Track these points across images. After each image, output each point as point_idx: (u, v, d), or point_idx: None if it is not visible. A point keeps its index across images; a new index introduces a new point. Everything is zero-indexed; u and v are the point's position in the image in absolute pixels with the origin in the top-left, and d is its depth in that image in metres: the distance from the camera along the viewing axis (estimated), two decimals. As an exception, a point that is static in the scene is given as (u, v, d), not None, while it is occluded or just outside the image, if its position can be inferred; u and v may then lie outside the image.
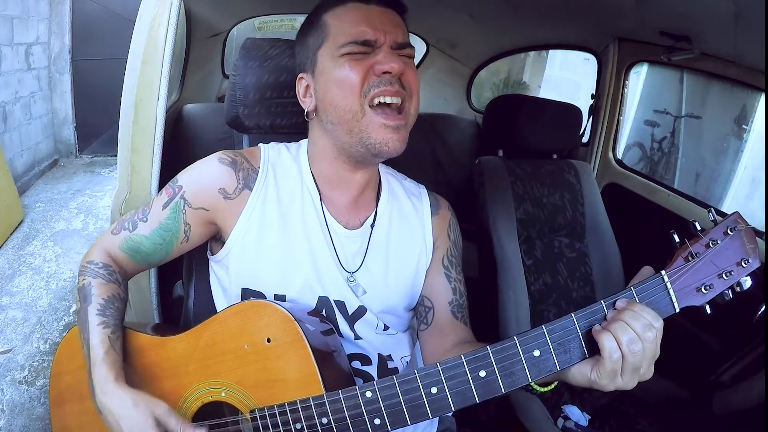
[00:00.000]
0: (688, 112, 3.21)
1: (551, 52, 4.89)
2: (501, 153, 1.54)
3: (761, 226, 1.22)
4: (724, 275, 0.58)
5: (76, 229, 3.07)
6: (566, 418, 1.25)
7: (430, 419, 0.62)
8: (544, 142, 1.52)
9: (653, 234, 0.94)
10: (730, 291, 0.58)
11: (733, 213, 0.60)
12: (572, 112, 1.54)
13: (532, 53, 4.98)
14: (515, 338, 0.58)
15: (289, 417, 0.64)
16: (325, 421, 0.63)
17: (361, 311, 0.80)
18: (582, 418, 1.27)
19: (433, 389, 0.59)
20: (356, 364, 0.80)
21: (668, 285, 0.58)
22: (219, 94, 2.01)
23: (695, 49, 1.25)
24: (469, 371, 0.58)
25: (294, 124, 0.99)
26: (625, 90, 1.67)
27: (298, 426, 0.64)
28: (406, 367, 0.85)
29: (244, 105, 0.96)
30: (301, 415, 0.64)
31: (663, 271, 0.58)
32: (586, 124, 1.69)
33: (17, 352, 2.01)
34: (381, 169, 0.88)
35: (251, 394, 0.68)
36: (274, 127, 0.99)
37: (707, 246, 0.58)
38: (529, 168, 1.49)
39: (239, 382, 0.68)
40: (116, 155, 1.02)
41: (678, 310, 0.58)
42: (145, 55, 0.95)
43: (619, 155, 1.78)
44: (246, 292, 0.78)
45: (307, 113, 0.80)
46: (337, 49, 0.72)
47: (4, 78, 3.29)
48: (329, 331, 0.74)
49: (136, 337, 0.76)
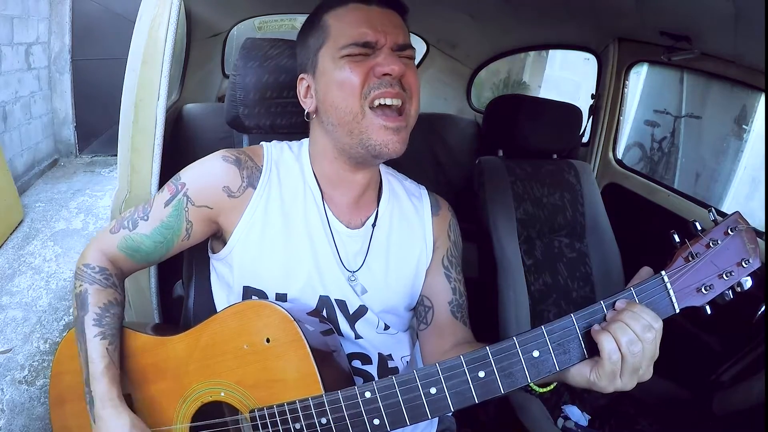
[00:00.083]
0: (688, 112, 3.21)
1: (551, 52, 4.89)
2: (501, 153, 1.54)
3: (761, 226, 1.22)
4: (724, 275, 0.58)
5: (76, 229, 3.07)
6: (566, 419, 1.25)
7: (429, 419, 0.61)
8: (544, 142, 1.52)
9: (653, 234, 0.94)
10: (731, 291, 0.58)
11: (734, 213, 0.60)
12: (572, 112, 1.54)
13: (532, 53, 4.98)
14: (514, 339, 0.58)
15: (289, 417, 0.64)
16: (324, 421, 0.63)
17: (362, 311, 0.80)
18: (582, 419, 1.27)
19: (433, 389, 0.59)
20: (356, 364, 0.80)
21: (668, 285, 0.58)
22: (219, 94, 2.01)
23: (695, 49, 1.25)
24: (469, 372, 0.58)
25: (294, 124, 0.99)
26: (625, 90, 1.67)
27: (298, 426, 0.64)
28: (406, 367, 0.85)
29: (244, 105, 0.96)
30: (301, 415, 0.64)
31: (663, 272, 0.58)
32: (586, 124, 1.69)
33: (17, 352, 2.01)
34: (382, 170, 0.88)
35: (251, 394, 0.68)
36: (274, 127, 0.99)
37: (707, 246, 0.58)
38: (529, 168, 1.49)
39: (239, 382, 0.68)
40: (116, 155, 1.02)
41: (678, 311, 0.58)
42: (145, 55, 0.95)
43: (619, 155, 1.78)
44: (248, 291, 0.78)
45: (307, 114, 0.80)
46: (338, 51, 0.72)
47: (4, 78, 3.29)
48: (329, 331, 0.74)
49: (136, 337, 0.76)
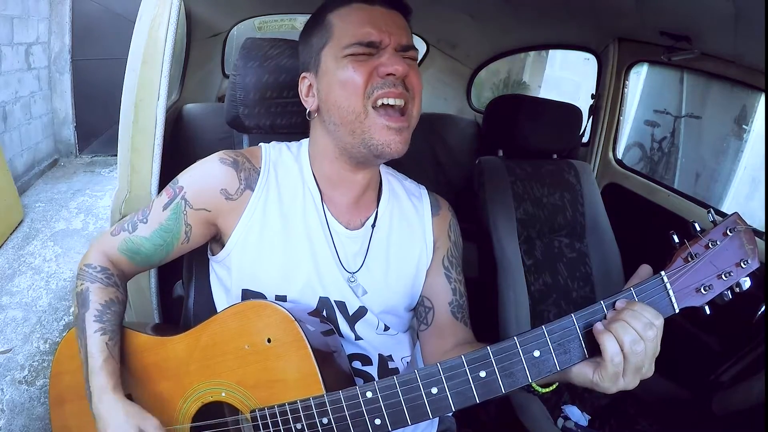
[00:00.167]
0: (688, 112, 3.21)
1: (551, 52, 4.89)
2: (501, 153, 1.54)
3: (761, 226, 1.22)
4: (723, 276, 0.58)
5: (76, 229, 3.07)
6: (566, 418, 1.25)
7: (430, 419, 0.61)
8: (544, 142, 1.52)
9: (653, 234, 0.94)
10: (730, 292, 0.58)
11: (733, 214, 0.60)
12: (572, 112, 1.54)
13: (532, 53, 4.98)
14: (515, 338, 0.58)
15: (290, 417, 0.64)
16: (325, 421, 0.63)
17: (362, 312, 0.80)
18: (582, 418, 1.27)
19: (434, 389, 0.59)
20: (357, 365, 0.80)
21: (668, 286, 0.58)
22: (219, 94, 2.01)
23: (695, 49, 1.25)
24: (470, 371, 0.58)
25: (294, 123, 0.99)
26: (625, 90, 1.67)
27: (299, 426, 0.64)
28: (407, 368, 0.85)
29: (244, 105, 0.96)
30: (302, 415, 0.64)
31: (662, 272, 0.58)
32: (586, 124, 1.69)
33: (17, 352, 2.01)
34: (381, 170, 0.88)
35: (251, 394, 0.68)
36: (274, 127, 0.99)
37: (707, 247, 0.58)
38: (529, 168, 1.50)
39: (239, 382, 0.68)
40: (116, 155, 1.02)
41: (677, 311, 0.58)
42: (145, 56, 0.95)
43: (619, 155, 1.78)
44: (247, 293, 0.78)
45: (309, 113, 0.79)
46: (341, 50, 0.72)
47: (4, 78, 3.29)
48: (329, 332, 0.74)
49: (136, 337, 0.76)
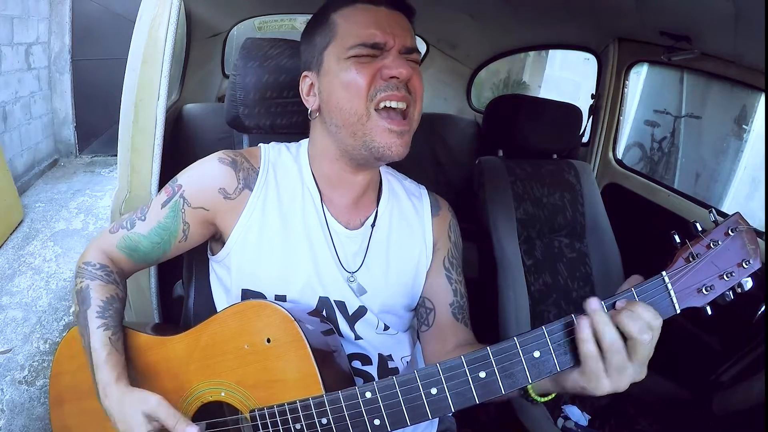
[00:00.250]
0: (688, 112, 3.21)
1: (551, 52, 4.89)
2: (501, 153, 1.54)
3: (761, 226, 1.22)
4: (725, 276, 0.57)
5: (76, 229, 3.07)
6: (566, 418, 1.25)
7: (430, 420, 0.61)
8: (544, 142, 1.52)
9: (653, 234, 0.94)
10: (731, 292, 0.58)
11: (734, 214, 0.60)
12: (572, 112, 1.54)
13: (532, 53, 4.98)
14: (515, 339, 0.57)
15: (289, 417, 0.64)
16: (324, 421, 0.63)
17: (362, 311, 0.80)
18: (582, 418, 1.27)
19: (433, 390, 0.59)
20: (356, 364, 0.80)
21: (669, 286, 0.57)
22: (219, 94, 2.01)
23: (695, 49, 1.25)
24: (469, 372, 0.58)
25: (294, 123, 0.99)
26: (625, 90, 1.67)
27: (298, 426, 0.64)
28: (407, 367, 0.85)
29: (244, 105, 0.96)
30: (301, 415, 0.64)
31: (664, 272, 0.58)
32: (586, 124, 1.69)
33: (17, 352, 2.01)
34: (381, 169, 0.88)
35: (251, 394, 0.68)
36: (274, 127, 0.99)
37: (708, 247, 0.58)
38: (529, 168, 1.49)
39: (239, 382, 0.68)
40: (116, 155, 1.02)
41: (679, 311, 0.58)
42: (145, 55, 0.95)
43: (619, 155, 1.78)
44: (246, 293, 0.78)
45: (309, 112, 0.79)
46: (345, 51, 0.72)
47: (4, 78, 3.29)
48: (329, 332, 0.74)
49: (136, 337, 0.76)
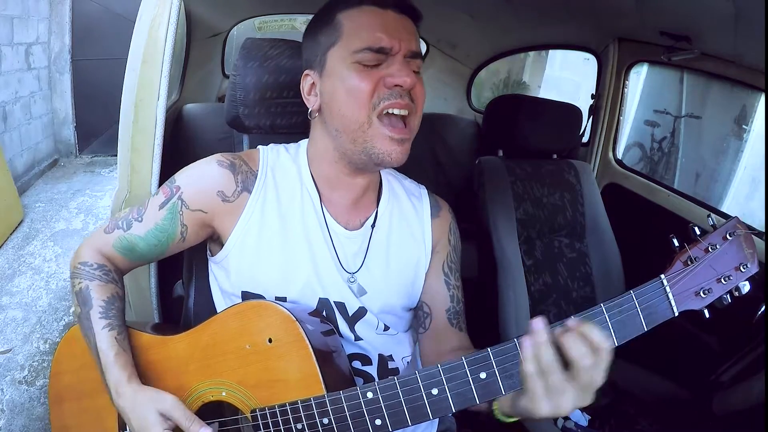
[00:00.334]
0: (688, 112, 3.21)
1: (551, 52, 4.89)
2: (501, 153, 1.54)
3: (761, 226, 1.22)
4: (723, 280, 0.58)
5: (76, 229, 3.07)
6: (566, 418, 1.25)
7: (430, 420, 0.61)
8: (544, 142, 1.52)
9: (653, 234, 0.94)
10: (729, 295, 0.58)
11: (733, 218, 0.60)
12: (572, 112, 1.54)
13: (532, 53, 4.98)
14: (515, 340, 0.57)
15: (290, 417, 0.64)
16: (326, 421, 0.63)
17: (362, 312, 0.79)
18: (582, 418, 1.27)
19: (434, 390, 0.59)
20: (357, 365, 0.80)
21: (667, 289, 0.57)
22: (219, 94, 2.01)
23: (695, 49, 1.25)
24: (470, 372, 0.58)
25: (294, 124, 0.99)
26: (625, 90, 1.67)
27: (299, 426, 0.64)
28: (407, 367, 0.85)
29: (244, 105, 0.96)
30: (302, 415, 0.64)
31: (662, 275, 0.58)
32: (586, 124, 1.69)
33: (17, 352, 2.01)
34: (381, 170, 0.88)
35: (252, 394, 0.68)
36: (274, 127, 0.99)
37: (706, 250, 0.58)
38: (529, 168, 1.50)
39: (240, 382, 0.68)
40: (116, 155, 1.02)
41: (677, 314, 0.58)
42: (145, 55, 0.95)
43: (619, 155, 1.78)
44: (246, 295, 0.78)
45: (310, 112, 0.79)
46: (351, 54, 0.71)
47: (4, 78, 3.29)
48: (330, 332, 0.74)
49: (136, 336, 0.76)
